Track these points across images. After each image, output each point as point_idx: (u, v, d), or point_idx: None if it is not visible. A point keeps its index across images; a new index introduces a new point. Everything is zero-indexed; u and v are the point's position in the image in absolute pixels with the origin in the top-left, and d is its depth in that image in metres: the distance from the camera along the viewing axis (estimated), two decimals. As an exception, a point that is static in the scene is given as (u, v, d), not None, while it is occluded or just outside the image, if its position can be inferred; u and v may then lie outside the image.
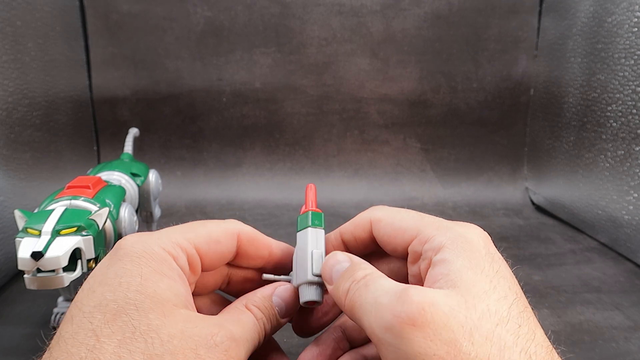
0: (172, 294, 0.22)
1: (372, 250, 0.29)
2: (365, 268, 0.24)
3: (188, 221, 0.28)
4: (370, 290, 0.22)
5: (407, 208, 0.28)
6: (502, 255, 0.25)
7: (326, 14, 0.72)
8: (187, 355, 0.20)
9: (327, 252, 0.28)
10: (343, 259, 0.26)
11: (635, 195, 0.53)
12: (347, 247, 0.29)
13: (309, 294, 0.26)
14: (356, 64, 0.74)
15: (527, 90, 0.76)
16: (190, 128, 0.75)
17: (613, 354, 0.37)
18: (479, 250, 0.23)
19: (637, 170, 0.53)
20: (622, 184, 0.55)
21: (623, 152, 0.55)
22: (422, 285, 0.23)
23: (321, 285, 0.27)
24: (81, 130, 0.69)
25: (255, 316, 0.25)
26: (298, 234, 0.29)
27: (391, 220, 0.27)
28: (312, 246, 0.27)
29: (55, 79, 0.60)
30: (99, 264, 0.24)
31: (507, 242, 0.59)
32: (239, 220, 0.28)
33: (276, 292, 0.27)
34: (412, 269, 0.26)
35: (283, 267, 0.29)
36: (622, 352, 0.37)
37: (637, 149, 0.53)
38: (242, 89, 0.74)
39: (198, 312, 0.24)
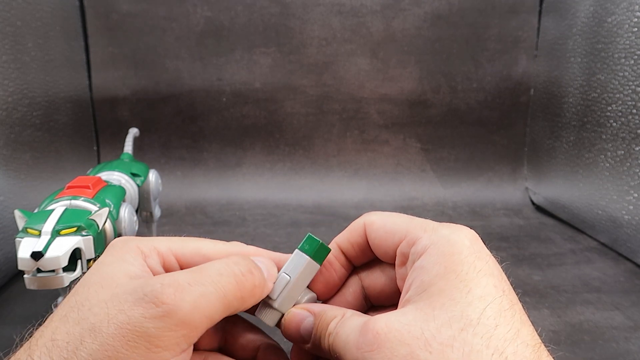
0: (123, 274, 0.22)
1: (370, 258, 0.29)
2: (331, 315, 0.25)
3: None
4: (340, 336, 0.23)
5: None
6: (499, 255, 0.25)
7: (326, 14, 0.72)
8: (110, 313, 0.20)
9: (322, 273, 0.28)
10: (304, 315, 0.26)
11: (635, 195, 0.53)
12: (346, 256, 0.29)
13: (260, 313, 0.26)
14: (356, 64, 0.74)
15: (527, 90, 0.76)
16: (190, 128, 0.75)
17: (613, 354, 0.37)
18: (460, 252, 0.23)
19: (637, 170, 0.53)
20: (622, 184, 0.55)
21: (623, 152, 0.55)
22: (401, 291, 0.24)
23: (273, 309, 0.26)
24: (81, 130, 0.69)
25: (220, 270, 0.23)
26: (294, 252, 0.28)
27: (383, 222, 0.27)
28: (285, 268, 0.27)
29: (55, 79, 0.60)
30: None
31: (507, 242, 0.59)
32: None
33: (255, 252, 0.27)
34: (399, 272, 0.26)
35: None
36: (622, 352, 0.37)
37: (637, 149, 0.53)
38: (242, 89, 0.74)
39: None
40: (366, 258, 0.29)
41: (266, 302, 0.26)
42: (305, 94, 0.75)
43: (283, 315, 0.26)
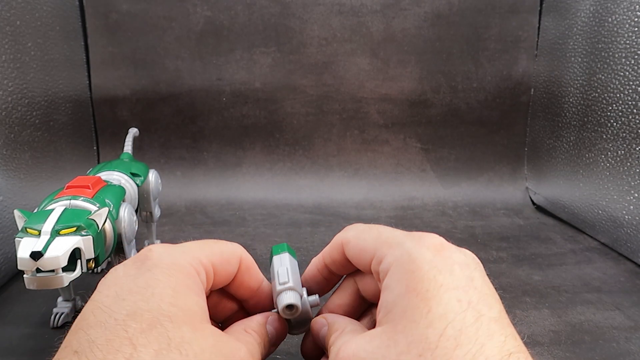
0: (199, 308, 0.23)
1: (354, 269, 0.29)
2: (335, 328, 0.26)
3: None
4: (331, 353, 0.25)
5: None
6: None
7: (326, 14, 0.72)
8: None
9: (305, 275, 0.31)
10: (322, 323, 0.27)
11: (636, 195, 0.53)
12: (329, 270, 0.30)
13: (286, 299, 0.28)
14: (356, 63, 0.74)
15: (527, 90, 0.76)
16: (190, 128, 0.75)
17: (613, 354, 0.37)
18: (421, 267, 0.22)
19: (638, 170, 0.53)
20: (623, 184, 0.55)
21: (624, 151, 0.55)
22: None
23: (294, 290, 0.28)
24: (81, 130, 0.69)
25: (255, 340, 0.26)
26: (274, 258, 0.31)
27: (356, 241, 0.27)
28: (276, 267, 0.30)
29: (55, 79, 0.60)
30: (122, 272, 0.24)
31: (507, 242, 0.59)
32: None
33: (268, 320, 0.28)
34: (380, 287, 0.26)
35: (263, 307, 0.30)
36: (623, 352, 0.37)
37: (638, 148, 0.53)
38: (242, 89, 0.74)
39: None
40: (349, 270, 0.29)
41: (282, 290, 0.28)
42: (305, 93, 0.75)
43: (301, 296, 0.28)
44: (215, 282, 0.27)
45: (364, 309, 0.30)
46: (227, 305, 0.30)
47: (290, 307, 0.28)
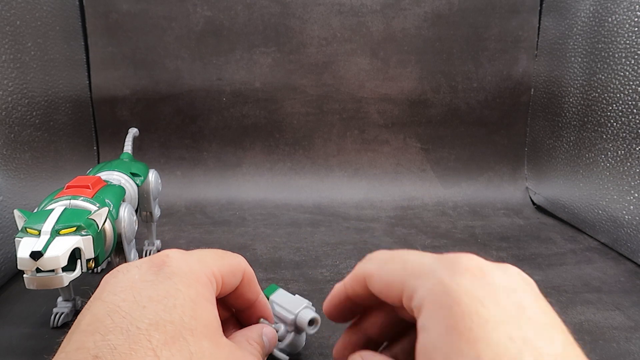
0: (215, 320, 0.24)
1: (381, 302, 0.26)
2: None
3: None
4: None
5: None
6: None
7: (326, 14, 0.72)
8: None
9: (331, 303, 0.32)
10: None
11: (636, 195, 0.53)
12: (353, 301, 0.27)
13: (310, 313, 0.32)
14: (356, 63, 0.74)
15: (527, 90, 0.76)
16: (190, 128, 0.75)
17: (614, 354, 0.37)
18: (460, 301, 0.19)
19: (638, 170, 0.53)
20: (623, 184, 0.55)
21: (624, 151, 0.55)
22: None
23: (313, 308, 0.33)
24: (81, 130, 0.69)
25: (258, 351, 0.27)
26: (271, 297, 0.35)
27: (379, 274, 0.24)
28: (283, 297, 0.34)
29: (55, 79, 0.60)
30: (139, 275, 0.23)
31: (507, 242, 0.59)
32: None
33: (264, 331, 0.29)
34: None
35: (256, 318, 0.31)
36: (623, 352, 0.37)
37: (638, 148, 0.53)
38: (242, 89, 0.74)
39: None
40: (376, 302, 0.26)
41: (306, 306, 0.33)
42: (305, 93, 0.75)
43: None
44: (220, 292, 0.27)
45: (402, 328, 0.27)
46: (219, 313, 0.30)
47: (311, 321, 0.32)
